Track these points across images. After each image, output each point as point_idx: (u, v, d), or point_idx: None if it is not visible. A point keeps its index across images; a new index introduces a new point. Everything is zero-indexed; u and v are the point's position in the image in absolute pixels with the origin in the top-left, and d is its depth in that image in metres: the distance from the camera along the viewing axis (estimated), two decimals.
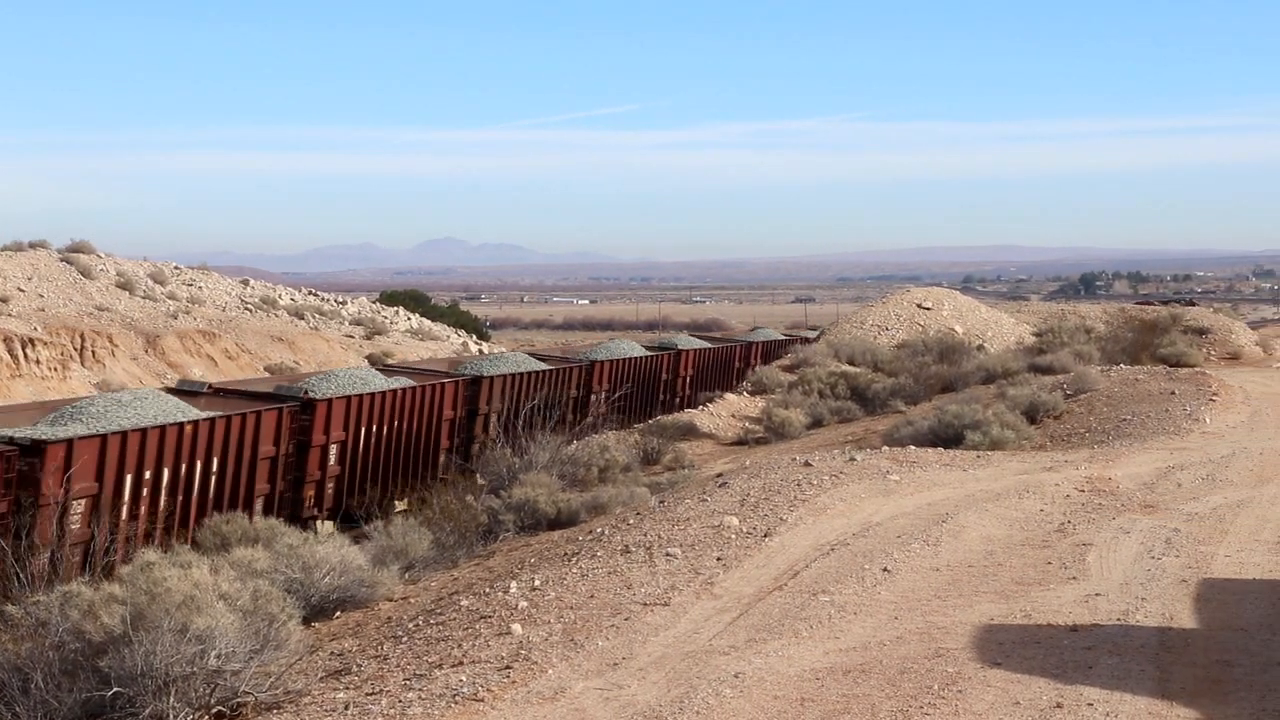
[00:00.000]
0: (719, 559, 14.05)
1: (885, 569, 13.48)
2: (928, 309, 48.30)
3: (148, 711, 10.78)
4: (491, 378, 31.86)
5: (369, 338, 64.77)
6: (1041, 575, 13.32)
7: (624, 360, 40.28)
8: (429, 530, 18.77)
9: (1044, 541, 14.81)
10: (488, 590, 14.04)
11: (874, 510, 16.42)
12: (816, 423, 32.69)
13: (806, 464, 19.19)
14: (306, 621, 14.65)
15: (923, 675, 10.23)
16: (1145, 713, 9.39)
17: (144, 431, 20.79)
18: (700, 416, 34.69)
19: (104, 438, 20.01)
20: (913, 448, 22.28)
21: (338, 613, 15.67)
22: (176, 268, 68.27)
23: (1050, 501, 16.97)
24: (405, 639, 12.94)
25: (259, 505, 23.69)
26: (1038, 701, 9.60)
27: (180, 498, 21.67)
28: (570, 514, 19.90)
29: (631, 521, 16.71)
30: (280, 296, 69.71)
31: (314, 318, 65.79)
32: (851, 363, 40.04)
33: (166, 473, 21.31)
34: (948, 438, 24.60)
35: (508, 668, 10.90)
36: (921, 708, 9.56)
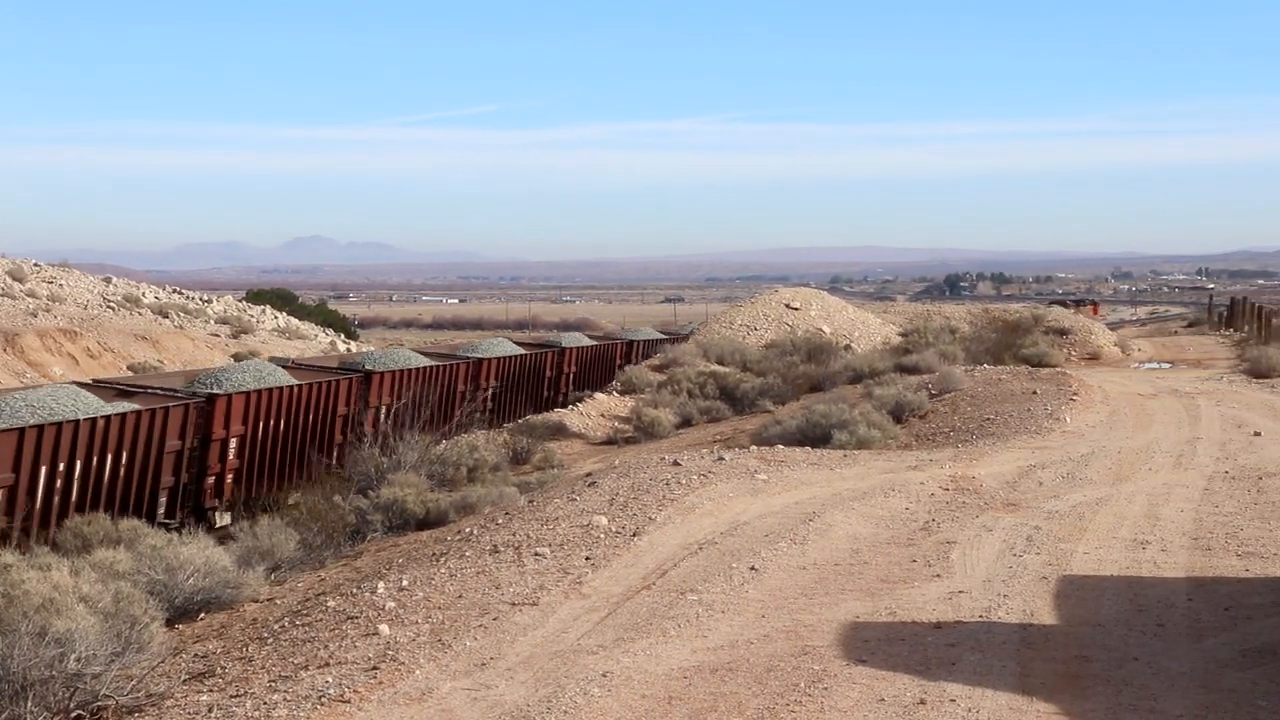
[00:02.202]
0: (588, 558, 14.06)
1: (753, 568, 13.56)
2: (796, 309, 48.68)
3: (4, 716, 10.56)
4: (383, 373, 32.13)
5: (235, 336, 64.02)
6: (906, 573, 13.47)
7: (511, 357, 40.37)
8: (296, 530, 18.60)
9: (909, 540, 14.98)
10: (355, 591, 13.94)
11: (742, 509, 16.51)
12: (685, 422, 32.82)
13: (675, 463, 19.26)
14: (170, 624, 14.46)
15: (789, 673, 10.30)
16: (1006, 708, 9.52)
17: (59, 426, 21.37)
18: (570, 416, 34.68)
19: (21, 431, 20.60)
20: (780, 447, 22.43)
21: (202, 614, 15.47)
22: (36, 265, 67.04)
23: (915, 500, 17.17)
24: (271, 640, 12.81)
25: (164, 498, 24.33)
26: (902, 698, 9.71)
27: (90, 489, 22.21)
28: (439, 514, 19.81)
29: (500, 521, 16.66)
30: (144, 295, 68.69)
31: (179, 316, 64.88)
32: (720, 362, 40.24)
33: (79, 465, 21.84)
34: (815, 437, 24.80)
35: (375, 668, 10.83)
36: (788, 705, 9.63)
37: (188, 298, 74.19)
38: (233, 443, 26.42)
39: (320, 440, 29.26)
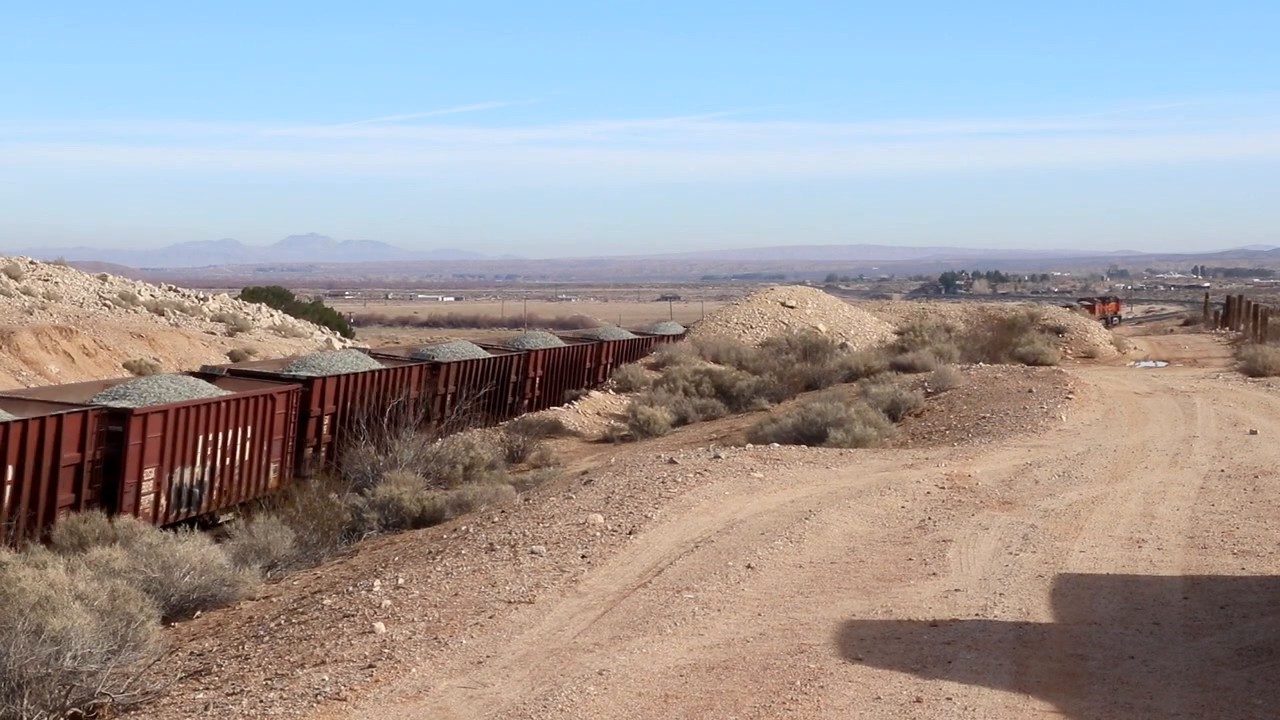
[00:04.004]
0: (584, 556, 14.05)
1: (749, 566, 13.55)
2: (792, 307, 48.73)
3: (1, 714, 10.56)
4: (324, 379, 30.36)
5: (231, 334, 63.93)
6: (902, 571, 13.47)
7: (470, 361, 38.12)
8: (292, 529, 18.59)
9: (905, 538, 14.97)
10: (351, 589, 13.93)
11: (738, 507, 16.50)
12: (681, 420, 32.85)
13: (671, 461, 19.25)
14: (166, 621, 14.45)
15: (785, 671, 10.30)
16: (1002, 706, 9.52)
17: None
18: (565, 414, 34.71)
19: None
20: (776, 445, 22.43)
21: (198, 612, 15.47)
22: (32, 263, 66.98)
23: (911, 498, 17.16)
24: (267, 638, 12.80)
25: (63, 517, 21.77)
26: (898, 696, 9.71)
27: None
28: (435, 512, 19.81)
29: (496, 519, 16.66)
30: (140, 292, 68.64)
31: (174, 314, 64.80)
32: (716, 361, 40.29)
33: None
34: (811, 435, 24.80)
35: (371, 666, 10.82)
36: (784, 703, 9.62)
37: (184, 295, 74.13)
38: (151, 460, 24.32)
39: (255, 455, 27.59)
